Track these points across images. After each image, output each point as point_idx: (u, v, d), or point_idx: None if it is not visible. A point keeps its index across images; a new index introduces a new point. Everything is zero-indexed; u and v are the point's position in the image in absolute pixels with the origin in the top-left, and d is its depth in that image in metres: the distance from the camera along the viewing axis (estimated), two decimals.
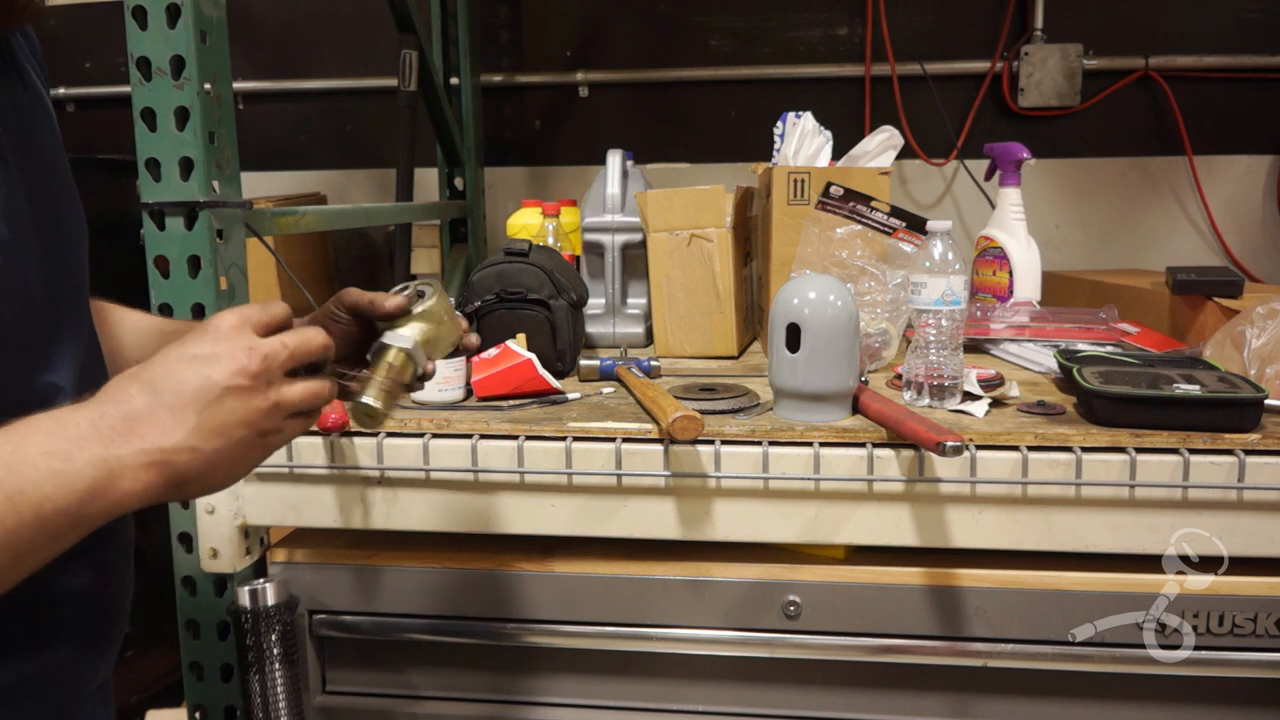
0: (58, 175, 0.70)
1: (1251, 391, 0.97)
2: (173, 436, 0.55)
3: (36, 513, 0.50)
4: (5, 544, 0.49)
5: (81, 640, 0.70)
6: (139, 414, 0.55)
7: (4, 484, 0.49)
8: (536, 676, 1.11)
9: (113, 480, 0.53)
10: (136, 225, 1.05)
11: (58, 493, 0.51)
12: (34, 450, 0.51)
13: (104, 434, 0.54)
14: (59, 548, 0.53)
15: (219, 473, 0.58)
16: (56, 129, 0.71)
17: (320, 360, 0.65)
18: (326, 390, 0.64)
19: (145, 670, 1.65)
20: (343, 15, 2.19)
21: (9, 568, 0.50)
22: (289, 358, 0.61)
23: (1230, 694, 1.02)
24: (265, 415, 0.59)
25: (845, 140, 1.52)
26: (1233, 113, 1.96)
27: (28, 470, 0.50)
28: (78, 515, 0.52)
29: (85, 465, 0.52)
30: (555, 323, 1.25)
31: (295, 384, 0.62)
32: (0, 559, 0.49)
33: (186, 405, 0.56)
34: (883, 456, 0.99)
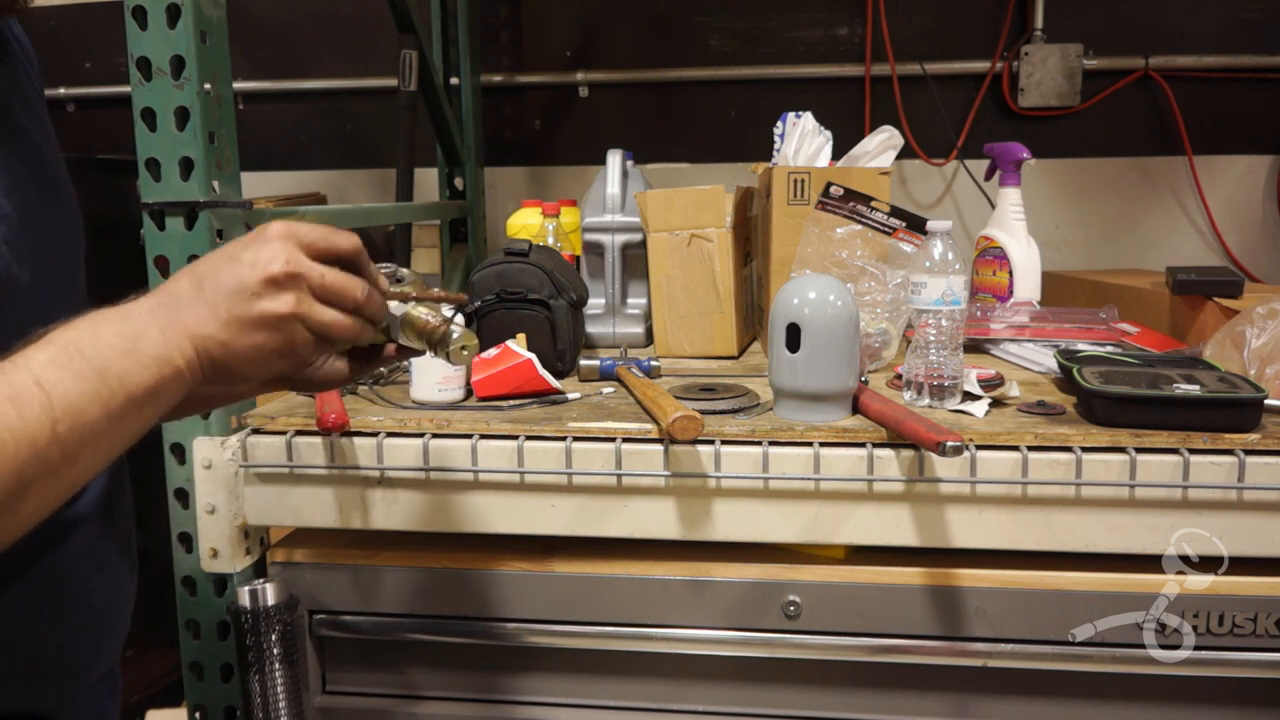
0: (49, 166, 0.70)
1: (1251, 391, 0.97)
2: (206, 326, 0.61)
3: (123, 384, 0.56)
4: (104, 411, 0.55)
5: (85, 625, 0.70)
6: (184, 301, 0.61)
7: (93, 361, 0.55)
8: (536, 676, 1.11)
9: (171, 355, 0.59)
10: (136, 225, 1.05)
11: (134, 368, 0.57)
12: (109, 332, 0.57)
13: (159, 317, 0.60)
14: (146, 419, 0.59)
15: (248, 367, 0.63)
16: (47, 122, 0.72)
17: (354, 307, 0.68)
18: (351, 329, 0.67)
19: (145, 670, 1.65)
20: (343, 15, 2.19)
21: (109, 432, 0.56)
22: (320, 285, 0.65)
23: (1230, 694, 1.02)
24: (286, 324, 0.63)
25: (845, 140, 1.52)
26: (1233, 113, 1.96)
27: (106, 349, 0.56)
28: (153, 387, 0.58)
29: (150, 344, 0.58)
30: (555, 323, 1.25)
31: (321, 307, 0.65)
32: (101, 424, 0.55)
33: (220, 301, 0.61)
34: (883, 456, 0.99)
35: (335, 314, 0.65)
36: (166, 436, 1.09)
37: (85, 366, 0.54)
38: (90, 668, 0.72)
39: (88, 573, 0.70)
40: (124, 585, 0.75)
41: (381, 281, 0.71)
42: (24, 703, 0.67)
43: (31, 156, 0.69)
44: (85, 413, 0.54)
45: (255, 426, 1.09)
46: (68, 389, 0.53)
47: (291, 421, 1.08)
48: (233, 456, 1.07)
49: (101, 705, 0.75)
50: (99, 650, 0.73)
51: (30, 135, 0.69)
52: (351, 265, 0.68)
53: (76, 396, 0.53)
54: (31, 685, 0.67)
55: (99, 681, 0.74)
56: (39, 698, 0.68)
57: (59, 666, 0.69)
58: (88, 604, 0.70)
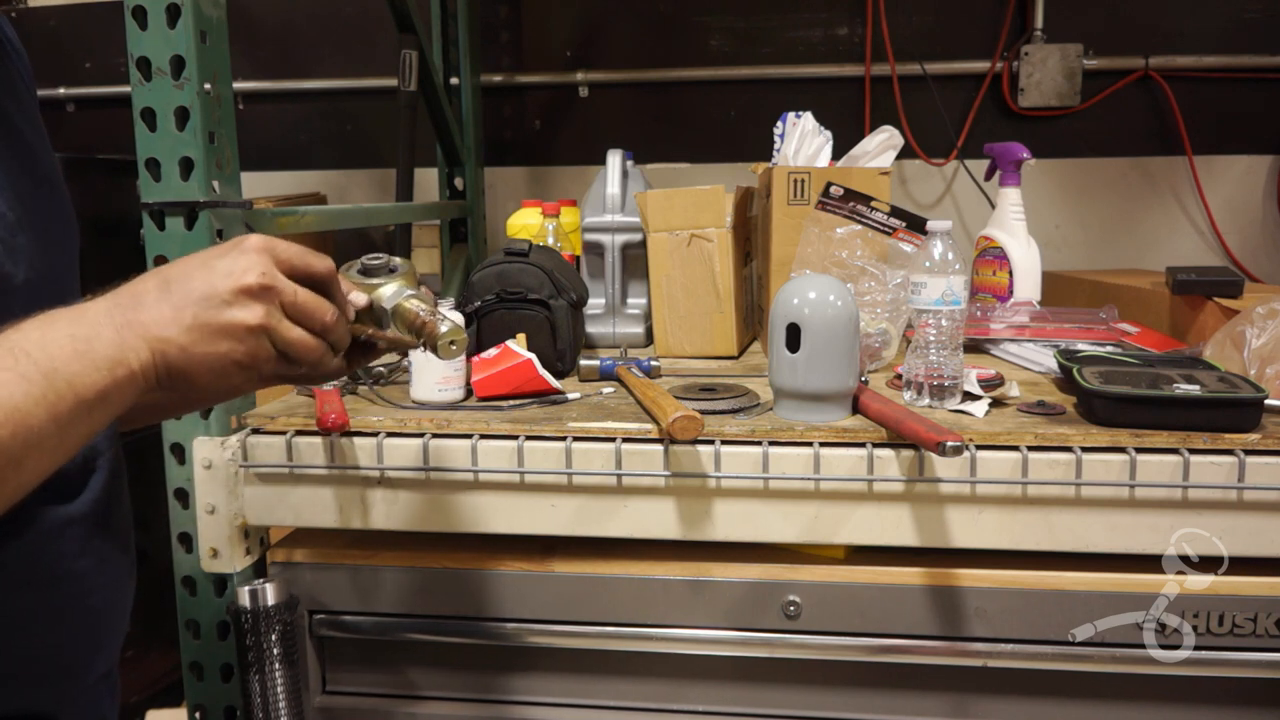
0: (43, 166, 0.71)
1: (1251, 391, 0.97)
2: (168, 329, 0.60)
3: (71, 387, 0.55)
4: (50, 415, 0.53)
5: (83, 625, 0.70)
6: (146, 303, 0.60)
7: (39, 363, 0.54)
8: (536, 676, 1.11)
9: (125, 356, 0.58)
10: (136, 225, 1.05)
11: (84, 370, 0.55)
12: (60, 334, 0.56)
13: (115, 317, 0.58)
14: (97, 422, 0.58)
15: (202, 376, 0.62)
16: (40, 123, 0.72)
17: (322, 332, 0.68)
18: (315, 350, 0.67)
19: (145, 670, 1.65)
20: (343, 15, 2.19)
21: (56, 437, 0.55)
22: (291, 303, 0.64)
23: (1230, 694, 1.02)
24: (253, 335, 0.62)
25: (845, 140, 1.52)
26: (1233, 113, 1.96)
27: (56, 350, 0.55)
28: (104, 390, 0.56)
29: (104, 344, 0.57)
30: (555, 323, 1.25)
31: (289, 324, 0.65)
32: (48, 428, 0.53)
33: (188, 305, 0.60)
34: (883, 456, 0.99)
35: (301, 333, 0.65)
36: (166, 436, 1.09)
37: (31, 368, 0.53)
38: (89, 668, 0.72)
39: (86, 572, 0.69)
40: (123, 585, 0.75)
41: (349, 310, 0.71)
42: (23, 703, 0.67)
43: (25, 156, 0.69)
44: (30, 416, 0.52)
45: (255, 426, 1.09)
46: (11, 391, 0.52)
47: (291, 421, 1.08)
48: (233, 456, 1.07)
49: (101, 706, 0.75)
50: (98, 650, 0.73)
51: (24, 135, 0.69)
52: (323, 288, 0.68)
53: (21, 399, 0.52)
54: (30, 685, 0.67)
55: (98, 682, 0.74)
56: (38, 698, 0.68)
57: (57, 667, 0.69)
58: (86, 604, 0.70)
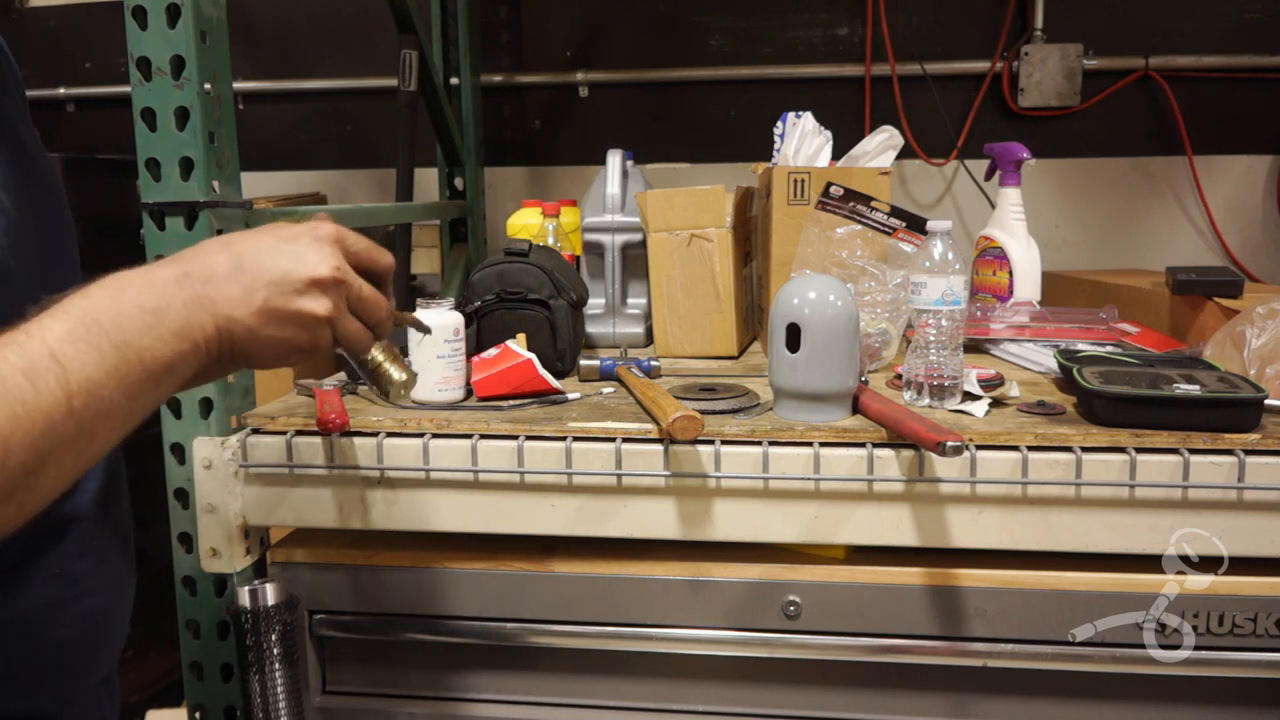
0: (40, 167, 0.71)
1: (1251, 391, 0.97)
2: (238, 310, 0.60)
3: (141, 360, 0.55)
4: (121, 388, 0.54)
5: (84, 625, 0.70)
6: (218, 277, 0.60)
7: (112, 335, 0.54)
8: (536, 676, 1.11)
9: (191, 331, 0.58)
10: (136, 225, 1.05)
11: (154, 343, 0.56)
12: (130, 304, 0.56)
13: (185, 290, 0.59)
14: (161, 394, 0.58)
15: (264, 356, 0.64)
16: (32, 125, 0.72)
17: None
18: (367, 342, 0.70)
19: (145, 670, 1.65)
20: (343, 15, 2.19)
21: (125, 408, 0.55)
22: (357, 298, 0.67)
23: (1230, 694, 1.02)
24: (319, 325, 0.64)
25: (845, 140, 1.52)
26: (1233, 113, 1.96)
27: (127, 322, 0.55)
28: (170, 363, 0.57)
29: (173, 317, 0.57)
30: (555, 323, 1.25)
31: (350, 318, 0.67)
32: (118, 399, 0.54)
33: (260, 287, 0.61)
34: (883, 456, 0.99)
35: (360, 326, 0.67)
36: (166, 436, 1.09)
37: (103, 340, 0.53)
38: (90, 668, 0.72)
39: (85, 572, 0.69)
40: (123, 585, 0.75)
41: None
42: (23, 704, 0.67)
43: (21, 156, 0.69)
44: (102, 388, 0.53)
45: (255, 426, 1.09)
46: (85, 363, 0.52)
47: (291, 421, 1.08)
48: (233, 456, 1.07)
49: (101, 708, 0.75)
50: (98, 650, 0.73)
51: (20, 137, 0.69)
52: (381, 281, 0.70)
53: (94, 371, 0.52)
54: (30, 686, 0.67)
55: (99, 685, 0.74)
56: (38, 699, 0.68)
57: (58, 667, 0.69)
58: (86, 603, 0.70)
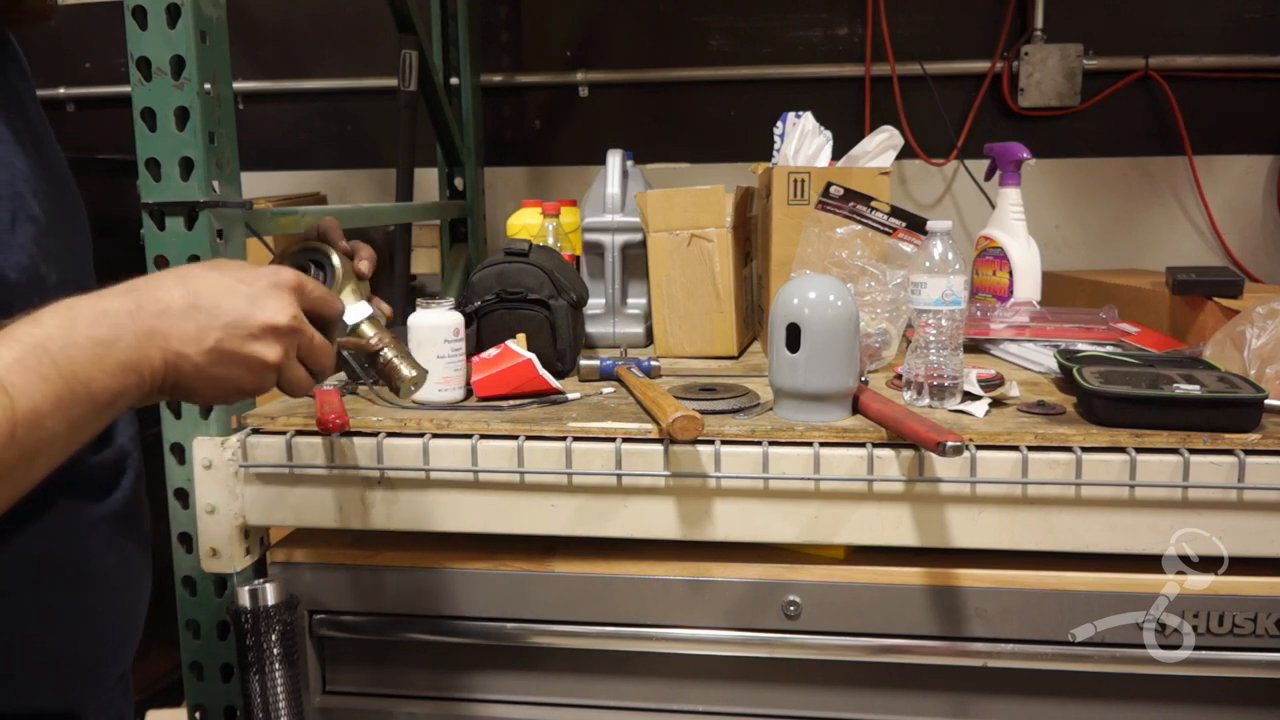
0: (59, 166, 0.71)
1: (1251, 391, 0.97)
2: (189, 346, 0.61)
3: (87, 390, 0.55)
4: (65, 418, 0.54)
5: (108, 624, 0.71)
6: (173, 312, 0.60)
7: (61, 366, 0.54)
8: (536, 676, 1.11)
9: (139, 364, 0.58)
10: (136, 225, 1.05)
11: (101, 375, 0.56)
12: (81, 335, 0.56)
13: (138, 324, 0.59)
14: (101, 423, 0.58)
15: (205, 393, 0.64)
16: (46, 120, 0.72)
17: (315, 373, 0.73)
18: (307, 387, 0.71)
19: (145, 670, 1.65)
20: (343, 15, 2.19)
21: (66, 437, 0.55)
22: (308, 348, 0.68)
23: (1230, 694, 1.02)
24: (265, 371, 0.65)
25: (845, 140, 1.52)
26: (1233, 113, 1.96)
27: (77, 353, 0.55)
28: (116, 394, 0.57)
29: (123, 349, 0.57)
30: (555, 323, 1.25)
31: (297, 365, 0.68)
32: (60, 429, 0.54)
33: (215, 327, 0.62)
34: (883, 456, 0.99)
35: (304, 373, 0.69)
36: (166, 436, 1.09)
37: (51, 370, 0.53)
38: (112, 666, 0.73)
39: (110, 571, 0.70)
40: (143, 584, 0.76)
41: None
42: (49, 702, 0.68)
43: (47, 156, 0.69)
44: (46, 418, 0.52)
45: (255, 426, 1.09)
46: (31, 393, 0.52)
47: (291, 421, 1.08)
48: (233, 456, 1.07)
49: (118, 704, 0.75)
50: (120, 648, 0.73)
51: (42, 135, 0.70)
52: (327, 327, 0.72)
53: (40, 401, 0.52)
54: (57, 684, 0.68)
55: (115, 684, 0.75)
56: (65, 696, 0.69)
57: (83, 665, 0.70)
58: (110, 602, 0.71)
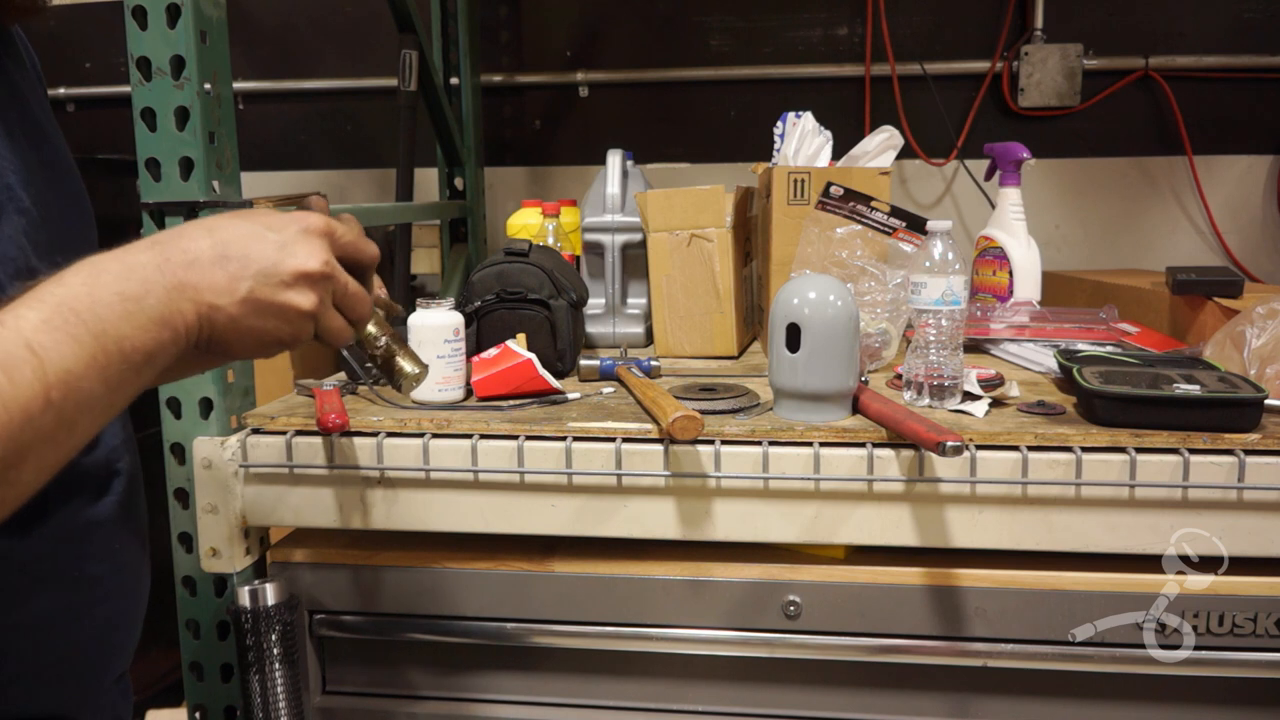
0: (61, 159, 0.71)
1: (1251, 391, 0.97)
2: (222, 297, 0.59)
3: (120, 349, 0.54)
4: (100, 378, 0.53)
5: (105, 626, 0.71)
6: (201, 263, 0.59)
7: (89, 324, 0.52)
8: (536, 676, 1.11)
9: (171, 318, 0.57)
10: (136, 225, 1.05)
11: (134, 331, 0.54)
12: (107, 292, 0.54)
13: (167, 277, 0.57)
14: (142, 383, 0.57)
15: (243, 346, 0.62)
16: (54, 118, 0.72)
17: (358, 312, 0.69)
18: (347, 336, 0.68)
19: (145, 670, 1.65)
20: (343, 15, 2.19)
21: (105, 399, 0.54)
22: (343, 294, 0.65)
23: (1230, 694, 1.02)
24: (302, 320, 0.63)
25: (845, 140, 1.52)
26: (1233, 113, 1.96)
27: (105, 310, 0.53)
28: (151, 351, 0.56)
29: (153, 306, 0.56)
30: (555, 323, 1.25)
31: (334, 313, 0.66)
32: (97, 390, 0.53)
33: (246, 276, 0.59)
34: (883, 456, 0.99)
35: (342, 322, 0.66)
36: (166, 436, 1.09)
37: (80, 329, 0.52)
38: (107, 669, 0.73)
39: (105, 574, 0.70)
40: (139, 587, 0.75)
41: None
42: (44, 704, 0.67)
43: (45, 151, 0.69)
44: (81, 379, 0.51)
45: (255, 426, 1.09)
46: (62, 353, 0.50)
47: (291, 421, 1.08)
48: (232, 456, 1.07)
49: (116, 707, 0.75)
50: (115, 651, 0.73)
51: (42, 127, 0.69)
52: (365, 275, 0.69)
53: (72, 362, 0.51)
54: (50, 686, 0.67)
55: (113, 683, 0.74)
56: (58, 699, 0.68)
57: (77, 668, 0.69)
58: (104, 605, 0.70)
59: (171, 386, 1.08)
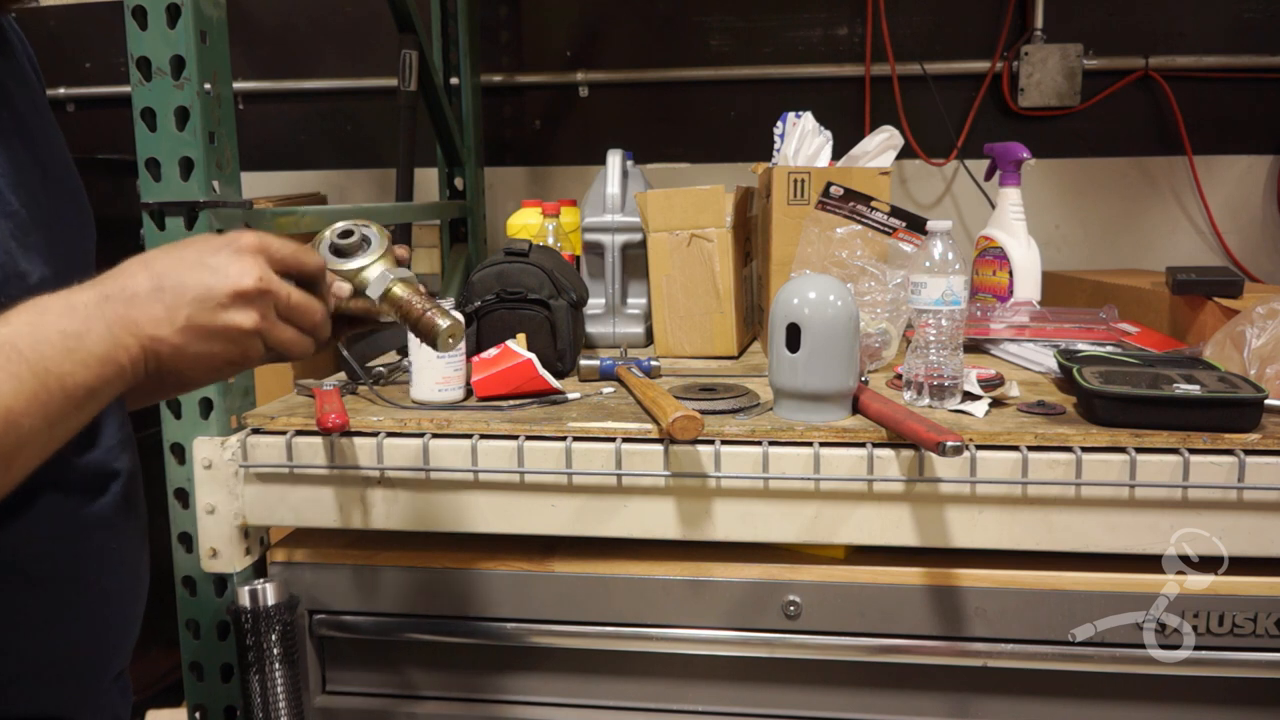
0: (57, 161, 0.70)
1: (1251, 391, 0.97)
2: (161, 329, 0.59)
3: (61, 385, 0.54)
4: (41, 414, 0.53)
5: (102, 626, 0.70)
6: (139, 298, 0.59)
7: (32, 362, 0.53)
8: (536, 676, 1.11)
9: (115, 354, 0.57)
10: (136, 225, 1.05)
11: (75, 368, 0.55)
12: (51, 330, 0.55)
13: (107, 312, 0.58)
14: (84, 418, 0.58)
15: (195, 372, 0.63)
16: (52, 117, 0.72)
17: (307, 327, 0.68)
18: (305, 348, 0.68)
19: (145, 670, 1.65)
20: (343, 15, 2.19)
21: (45, 434, 0.55)
22: (285, 306, 0.65)
23: (1230, 694, 1.02)
24: (248, 338, 0.63)
25: (845, 140, 1.52)
26: (1233, 113, 1.96)
27: (47, 349, 0.54)
28: (93, 388, 0.56)
29: (95, 342, 0.56)
30: (555, 323, 1.25)
31: (282, 325, 0.66)
32: (38, 426, 0.53)
33: (182, 306, 0.60)
34: (883, 456, 0.99)
35: (294, 333, 0.66)
36: (166, 436, 1.09)
37: (22, 367, 0.52)
38: (105, 668, 0.72)
39: (102, 575, 0.70)
40: (139, 584, 0.75)
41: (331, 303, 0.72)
42: (40, 704, 0.67)
43: (39, 150, 0.68)
44: (22, 416, 0.52)
45: (255, 426, 1.09)
46: (3, 390, 0.51)
47: (291, 421, 1.08)
48: (233, 456, 1.07)
49: (115, 706, 0.75)
50: (113, 651, 0.73)
51: (35, 129, 0.69)
52: (312, 284, 0.69)
53: (12, 400, 0.52)
54: (46, 686, 0.67)
55: (112, 682, 0.74)
56: (54, 699, 0.68)
57: (74, 667, 0.69)
58: (102, 606, 0.70)
59: None
